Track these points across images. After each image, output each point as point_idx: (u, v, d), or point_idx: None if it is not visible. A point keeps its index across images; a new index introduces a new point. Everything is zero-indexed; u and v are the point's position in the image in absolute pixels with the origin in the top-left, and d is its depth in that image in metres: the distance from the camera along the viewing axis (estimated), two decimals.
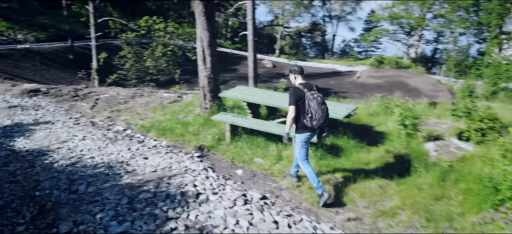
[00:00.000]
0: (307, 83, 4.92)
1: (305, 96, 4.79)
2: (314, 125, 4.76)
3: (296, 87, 4.88)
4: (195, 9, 8.12)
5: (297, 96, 4.81)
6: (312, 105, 4.73)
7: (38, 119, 8.75)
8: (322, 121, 4.72)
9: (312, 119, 4.73)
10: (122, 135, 7.77)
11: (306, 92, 4.79)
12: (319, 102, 4.73)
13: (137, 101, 10.24)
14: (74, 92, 11.10)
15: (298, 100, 4.81)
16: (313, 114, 4.73)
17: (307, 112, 4.77)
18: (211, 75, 8.38)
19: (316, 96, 4.75)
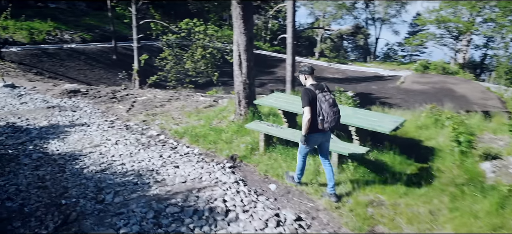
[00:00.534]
0: (318, 84, 4.85)
1: (316, 98, 4.72)
2: (325, 127, 4.71)
3: (308, 89, 4.81)
4: (233, 12, 7.80)
5: (310, 97, 4.73)
6: (324, 107, 4.67)
7: (74, 120, 8.77)
8: (334, 123, 4.67)
9: (324, 121, 4.69)
10: (155, 140, 7.57)
11: (318, 94, 4.73)
12: (331, 104, 4.67)
13: (173, 105, 10.08)
14: (112, 94, 11.13)
15: (311, 102, 4.72)
16: (324, 116, 4.68)
17: (319, 114, 4.71)
18: (247, 81, 8.03)
19: (328, 98, 4.69)
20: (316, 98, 4.72)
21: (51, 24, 27.29)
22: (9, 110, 9.47)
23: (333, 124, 4.67)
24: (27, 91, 11.69)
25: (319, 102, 4.69)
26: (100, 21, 32.37)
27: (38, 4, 32.35)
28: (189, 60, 21.93)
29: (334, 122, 4.67)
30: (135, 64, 21.78)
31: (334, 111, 4.65)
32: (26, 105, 9.98)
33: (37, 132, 7.86)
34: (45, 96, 11.02)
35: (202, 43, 21.83)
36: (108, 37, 28.51)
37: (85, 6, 36.45)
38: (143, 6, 23.37)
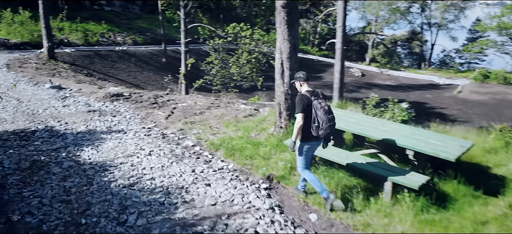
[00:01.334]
0: (313, 91, 4.80)
1: (312, 104, 4.67)
2: (320, 134, 4.65)
3: (303, 95, 4.75)
4: (276, 17, 7.15)
5: (304, 104, 4.68)
6: (319, 114, 4.62)
7: (112, 126, 8.53)
8: (328, 130, 4.62)
9: (319, 128, 4.63)
10: (190, 152, 7.09)
11: (313, 100, 4.68)
12: (326, 111, 4.62)
13: (212, 113, 9.61)
14: (154, 99, 10.88)
15: (306, 108, 4.67)
16: (319, 123, 4.63)
17: (314, 121, 4.66)
18: (289, 91, 7.34)
19: (324, 105, 4.64)
20: (311, 105, 4.66)
21: (105, 26, 28.18)
22: (51, 113, 9.45)
23: (328, 131, 4.63)
24: (72, 93, 11.77)
25: (314, 109, 4.65)
26: (152, 24, 33.07)
27: (94, 7, 33.67)
28: (235, 65, 21.62)
29: (329, 129, 4.62)
30: (182, 68, 21.79)
31: (329, 118, 4.60)
32: (68, 108, 9.95)
33: (73, 137, 7.67)
34: (88, 99, 10.99)
35: (248, 48, 21.41)
36: (159, 40, 28.99)
37: (138, 10, 37.50)
38: (192, 10, 23.35)
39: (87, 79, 16.77)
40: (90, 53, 22.87)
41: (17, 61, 16.88)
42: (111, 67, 22.48)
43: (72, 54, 21.40)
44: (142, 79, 23.24)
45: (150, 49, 27.88)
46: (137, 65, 24.63)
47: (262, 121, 8.67)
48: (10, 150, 7.00)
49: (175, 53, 28.50)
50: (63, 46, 22.99)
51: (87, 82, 14.53)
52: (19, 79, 13.33)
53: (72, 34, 25.06)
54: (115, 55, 24.45)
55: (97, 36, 26.51)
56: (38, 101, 10.51)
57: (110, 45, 26.44)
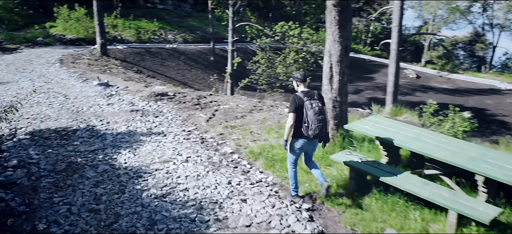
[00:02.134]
0: (309, 91, 4.86)
1: (303, 105, 4.70)
2: (309, 134, 4.69)
3: (296, 95, 4.84)
4: (327, 16, 6.48)
5: (296, 104, 4.76)
6: (309, 114, 4.66)
7: (152, 128, 8.27)
8: (317, 131, 4.65)
9: (308, 128, 4.67)
10: (228, 159, 6.61)
11: (305, 101, 4.72)
12: (316, 112, 4.66)
13: (254, 117, 9.09)
14: (197, 100, 10.56)
15: (297, 108, 4.74)
16: (309, 123, 4.66)
17: (304, 121, 4.70)
18: (338, 98, 6.64)
19: (314, 106, 4.68)
20: (303, 106, 4.70)
21: (157, 24, 28.63)
22: (94, 111, 9.40)
23: (317, 132, 4.65)
24: (118, 91, 11.76)
25: (305, 109, 4.68)
26: (202, 22, 33.24)
27: (147, 5, 34.43)
28: (281, 64, 21.02)
29: (318, 130, 4.65)
30: (228, 67, 21.52)
31: (318, 119, 4.64)
32: (112, 106, 9.87)
33: (112, 138, 7.47)
34: (133, 98, 10.89)
35: (296, 47, 20.73)
36: (208, 38, 29.02)
37: (189, 8, 37.93)
38: (240, 9, 23.04)
39: (136, 76, 16.92)
40: (141, 50, 23.26)
41: (70, 57, 17.40)
42: (161, 65, 22.71)
43: (124, 51, 21.84)
44: (190, 77, 23.29)
45: (199, 48, 27.96)
46: (186, 63, 24.75)
47: None
48: (49, 149, 6.91)
49: (223, 52, 28.39)
50: (116, 43, 23.56)
51: (134, 80, 14.60)
52: (70, 75, 13.61)
53: (125, 31, 25.65)
54: (165, 52, 24.72)
55: (149, 33, 26.97)
56: (84, 98, 10.55)
57: (161, 43, 26.80)
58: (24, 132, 7.82)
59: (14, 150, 6.86)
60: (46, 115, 8.92)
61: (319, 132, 4.67)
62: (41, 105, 9.68)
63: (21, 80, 12.54)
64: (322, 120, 4.69)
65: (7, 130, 7.84)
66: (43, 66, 15.02)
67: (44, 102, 9.99)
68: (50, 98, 10.38)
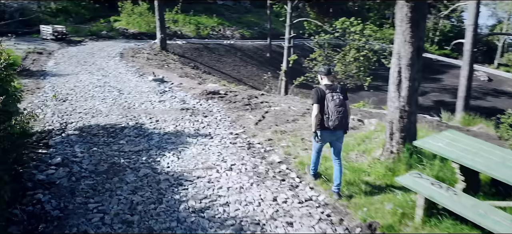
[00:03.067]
0: (332, 85, 4.94)
1: (325, 97, 4.79)
2: (330, 125, 4.77)
3: (318, 87, 4.92)
4: (397, 13, 5.56)
5: (318, 95, 4.85)
6: (330, 106, 4.74)
7: (200, 129, 7.84)
8: (337, 122, 4.72)
9: (329, 119, 4.75)
10: (275, 170, 5.96)
11: (327, 93, 4.80)
12: (336, 104, 4.72)
13: (307, 121, 8.34)
14: (247, 100, 10.02)
15: (319, 100, 4.82)
16: (329, 114, 4.74)
17: (325, 113, 4.78)
18: (406, 107, 5.70)
19: (335, 98, 4.74)
20: (324, 98, 4.79)
21: (216, 20, 28.67)
22: (145, 108, 9.19)
23: (336, 123, 4.72)
24: (172, 87, 11.56)
25: (326, 101, 4.77)
26: (260, 18, 32.83)
27: (208, 0, 34.65)
28: (340, 62, 19.93)
29: (338, 121, 4.72)
30: (283, 65, 20.82)
31: (338, 110, 4.70)
32: (163, 104, 9.62)
33: (159, 139, 7.13)
34: (185, 96, 10.60)
35: (357, 44, 19.49)
36: (265, 35, 28.54)
37: (249, 4, 37.67)
38: (299, 4, 22.21)
39: (192, 72, 16.81)
40: (200, 45, 23.30)
41: (131, 51, 17.70)
42: (218, 61, 22.58)
43: (182, 46, 21.98)
44: (245, 73, 22.93)
45: (256, 44, 27.56)
46: (242, 60, 24.44)
47: (367, 138, 7.13)
48: (95, 147, 6.70)
49: (279, 49, 27.74)
50: (176, 38, 23.83)
51: (190, 76, 14.41)
52: (128, 69, 13.71)
53: (185, 27, 25.91)
54: (223, 48, 24.59)
55: (208, 29, 27.05)
56: (137, 94, 10.44)
57: (219, 39, 26.76)
58: (74, 126, 7.74)
59: (61, 146, 6.75)
60: (98, 110, 8.85)
61: (339, 123, 4.74)
62: (94, 100, 9.68)
63: (81, 73, 12.81)
64: (343, 111, 4.75)
65: (57, 124, 7.82)
66: (104, 59, 15.35)
67: (98, 97, 9.99)
68: (105, 93, 10.38)
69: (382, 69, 21.59)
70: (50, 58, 15.14)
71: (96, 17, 24.29)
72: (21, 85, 10.72)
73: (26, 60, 14.24)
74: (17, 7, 20.04)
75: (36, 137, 7.27)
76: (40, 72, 12.80)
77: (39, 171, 5.76)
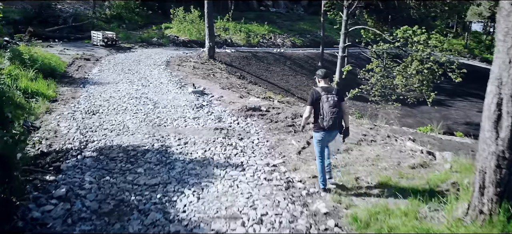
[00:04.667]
0: (328, 87, 5.05)
1: (321, 99, 4.87)
2: (324, 125, 4.88)
3: (314, 90, 5.04)
4: (499, 23, 3.87)
5: (313, 98, 4.98)
6: (325, 107, 4.84)
7: (231, 156, 6.54)
8: (331, 122, 4.83)
9: (323, 119, 4.86)
10: (320, 227, 4.47)
11: (322, 95, 4.89)
12: (331, 105, 4.84)
13: (363, 152, 6.73)
14: (291, 120, 8.59)
15: (314, 102, 4.95)
16: (324, 115, 4.84)
17: (321, 114, 4.88)
18: (506, 154, 3.97)
19: (330, 100, 4.84)
20: (320, 99, 4.88)
21: (267, 27, 27.51)
22: (176, 126, 8.09)
23: (330, 123, 4.83)
24: (210, 101, 10.44)
25: (321, 103, 4.86)
26: (313, 26, 31.25)
27: (260, 8, 33.64)
28: (400, 75, 17.79)
29: (332, 121, 4.83)
30: (336, 75, 19.04)
31: (332, 111, 4.81)
32: (197, 121, 8.47)
33: (182, 168, 5.94)
34: (223, 111, 9.41)
35: (421, 55, 17.27)
36: (318, 43, 26.90)
37: (302, 11, 36.19)
38: (356, 11, 20.35)
39: (237, 82, 15.69)
40: (248, 54, 22.22)
41: (178, 59, 16.98)
42: (266, 70, 21.34)
43: (231, 55, 21.02)
44: (294, 84, 21.44)
45: (307, 52, 25.98)
46: (291, 69, 23.00)
47: (442, 182, 5.41)
48: (107, 175, 5.66)
49: (332, 57, 25.93)
50: (226, 46, 22.98)
51: (234, 87, 13.24)
52: (170, 79, 12.85)
53: (235, 35, 25.03)
54: (272, 57, 23.32)
55: (258, 37, 25.97)
56: (172, 108, 9.41)
57: (269, 47, 25.56)
58: (94, 146, 6.80)
59: (72, 171, 5.78)
60: (125, 127, 7.89)
61: (333, 123, 4.85)
62: (126, 114, 8.77)
63: (121, 81, 12.13)
64: (336, 112, 4.84)
65: (77, 142, 6.91)
66: (149, 67, 14.68)
67: (130, 110, 9.09)
68: (139, 105, 9.48)
69: (449, 83, 19.14)
70: (96, 65, 14.75)
71: (149, 24, 24.14)
72: (56, 94, 10.15)
73: (71, 67, 13.92)
74: (72, 13, 20.22)
75: (50, 157, 6.39)
76: (81, 79, 12.30)
77: (38, 204, 4.81)
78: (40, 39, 16.79)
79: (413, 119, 21.84)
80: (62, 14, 19.74)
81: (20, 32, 16.47)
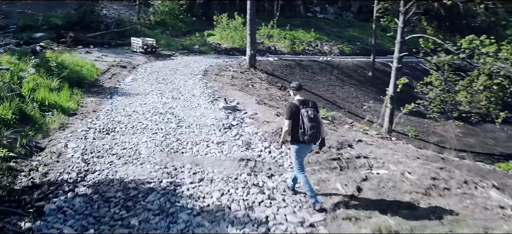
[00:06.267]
0: (304, 100, 5.01)
1: (300, 112, 4.82)
2: (305, 139, 4.81)
3: (293, 103, 4.97)
4: None
5: (292, 111, 4.88)
6: (305, 121, 4.77)
7: (254, 206, 4.89)
8: (312, 136, 4.80)
9: (304, 133, 4.79)
10: None
11: (301, 109, 4.85)
12: (311, 118, 4.77)
13: (436, 209, 4.80)
14: (337, 150, 6.79)
15: (293, 116, 4.86)
16: (305, 129, 4.77)
17: (300, 127, 4.81)
18: None
19: (310, 114, 4.80)
20: (299, 113, 4.82)
21: (314, 34, 25.62)
22: (196, 153, 6.61)
23: (312, 137, 4.80)
24: (243, 119, 8.89)
25: (301, 116, 4.80)
26: (363, 32, 28.84)
27: (307, 14, 31.74)
28: (464, 90, 15.22)
29: (313, 135, 4.79)
30: (390, 88, 16.72)
31: (312, 125, 4.74)
32: (221, 147, 6.93)
33: (186, 223, 4.42)
34: (254, 134, 7.81)
35: (489, 69, 14.61)
36: (368, 51, 24.54)
37: (352, 17, 33.81)
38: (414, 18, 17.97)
39: (277, 94, 14.06)
40: (292, 62, 20.49)
41: (216, 68, 15.67)
42: (310, 80, 19.46)
43: (273, 63, 19.42)
44: (341, 95, 19.34)
45: (356, 61, 23.69)
46: (338, 79, 20.91)
47: None
48: (96, 224, 4.29)
49: (384, 66, 23.48)
50: (269, 54, 21.45)
51: (269, 103, 11.60)
52: (203, 92, 11.47)
53: (279, 42, 23.42)
54: (317, 66, 21.38)
55: (304, 44, 24.15)
56: (196, 128, 7.96)
57: (315, 55, 23.64)
58: (94, 179, 5.49)
59: (53, 217, 4.52)
60: (136, 152, 6.54)
61: (313, 137, 4.82)
62: (143, 134, 7.44)
63: (151, 93, 10.94)
64: (316, 126, 4.78)
65: (75, 174, 5.63)
66: (184, 77, 13.46)
67: (150, 129, 7.77)
68: (161, 124, 8.13)
69: None
70: (131, 73, 13.79)
71: (193, 31, 23.18)
72: (77, 106, 9.13)
73: (104, 74, 13.03)
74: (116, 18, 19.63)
75: (38, 192, 5.15)
76: (111, 89, 11.29)
77: None
78: (80, 45, 16.26)
79: (475, 138, 18.96)
80: (106, 19, 19.25)
81: (62, 37, 16.04)
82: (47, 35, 15.55)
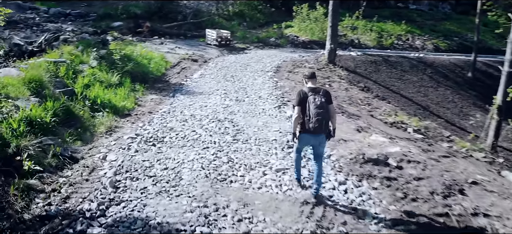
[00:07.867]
0: (315, 88, 4.66)
1: (307, 99, 4.50)
2: (310, 127, 4.44)
3: (301, 90, 4.67)
4: None
5: (300, 98, 4.57)
6: (311, 108, 4.44)
7: None
8: (317, 124, 4.40)
9: (309, 121, 4.44)
10: None
11: (309, 96, 4.51)
12: (317, 105, 4.42)
13: None
14: (443, 199, 4.59)
15: (301, 102, 4.54)
16: (310, 117, 4.44)
17: (306, 115, 4.48)
18: None
19: (316, 101, 4.44)
20: (306, 100, 4.49)
21: (404, 27, 22.22)
22: (247, 184, 4.98)
23: (316, 125, 4.39)
24: None
25: (308, 103, 4.47)
26: (462, 27, 24.44)
27: (397, 4, 27.96)
28: None
29: (318, 123, 4.39)
30: (498, 96, 13.22)
31: (318, 112, 4.39)
32: (280, 179, 5.19)
33: None
34: (326, 158, 5.91)
35: None
36: (468, 47, 20.51)
37: (449, 9, 29.10)
38: None
39: (359, 96, 11.83)
40: (378, 58, 17.72)
41: (290, 64, 13.86)
42: (398, 79, 16.57)
43: (356, 59, 16.91)
44: (435, 98, 16.14)
45: (453, 59, 19.87)
46: (432, 79, 17.59)
47: None
48: None
49: (485, 67, 19.38)
50: (351, 48, 18.92)
51: (346, 112, 9.49)
52: (271, 93, 9.79)
53: (364, 35, 20.64)
54: (407, 63, 18.25)
55: (393, 38, 20.99)
56: (255, 145, 6.34)
57: (406, 50, 20.39)
58: (114, 216, 4.20)
59: None
60: (177, 176, 5.13)
61: (318, 125, 4.39)
62: (193, 148, 6.05)
63: (216, 92, 9.60)
64: (322, 114, 4.39)
65: (95, 204, 4.39)
66: (254, 74, 11.92)
67: (201, 142, 6.35)
68: (215, 135, 6.67)
69: None
70: (201, 67, 12.66)
71: (270, 22, 21.52)
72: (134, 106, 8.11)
73: (174, 68, 12.08)
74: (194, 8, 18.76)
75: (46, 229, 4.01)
76: (175, 86, 10.23)
77: None
78: (156, 35, 15.67)
79: None
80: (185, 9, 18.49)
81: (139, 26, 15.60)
82: (125, 25, 15.23)
